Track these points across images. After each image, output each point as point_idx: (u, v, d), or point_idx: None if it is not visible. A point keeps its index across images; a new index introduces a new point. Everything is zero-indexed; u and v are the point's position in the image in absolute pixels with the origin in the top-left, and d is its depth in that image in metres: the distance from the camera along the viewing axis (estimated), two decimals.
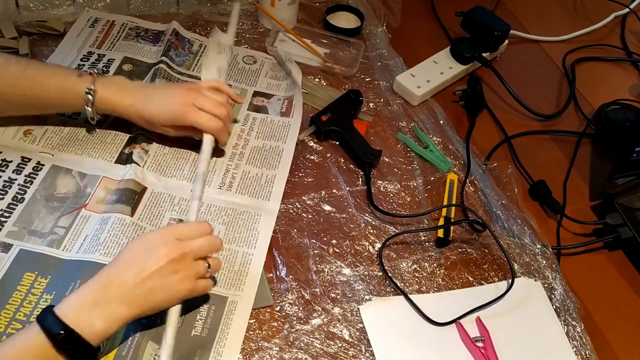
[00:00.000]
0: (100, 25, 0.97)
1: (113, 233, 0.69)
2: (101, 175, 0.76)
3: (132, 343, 0.62)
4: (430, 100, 0.97)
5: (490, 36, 1.00)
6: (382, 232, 0.78)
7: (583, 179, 0.91)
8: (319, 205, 0.80)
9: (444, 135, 0.92)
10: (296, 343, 0.66)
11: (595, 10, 1.23)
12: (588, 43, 1.14)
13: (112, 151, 0.79)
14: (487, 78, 1.02)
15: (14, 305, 0.63)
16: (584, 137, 0.94)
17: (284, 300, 0.70)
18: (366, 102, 0.94)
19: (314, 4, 1.10)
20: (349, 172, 0.85)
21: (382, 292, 0.72)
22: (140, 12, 1.01)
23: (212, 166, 0.81)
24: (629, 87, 1.07)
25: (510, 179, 0.87)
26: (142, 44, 0.95)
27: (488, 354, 0.68)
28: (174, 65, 0.92)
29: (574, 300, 0.74)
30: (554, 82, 1.07)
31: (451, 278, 0.75)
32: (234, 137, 0.85)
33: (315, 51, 1.00)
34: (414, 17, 1.13)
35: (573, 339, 0.71)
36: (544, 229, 0.81)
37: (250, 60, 0.98)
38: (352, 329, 0.68)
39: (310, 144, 0.88)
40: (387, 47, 1.04)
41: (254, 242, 0.74)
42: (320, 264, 0.74)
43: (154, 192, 0.76)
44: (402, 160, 0.88)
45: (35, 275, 0.65)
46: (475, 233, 0.80)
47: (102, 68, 0.89)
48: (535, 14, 1.20)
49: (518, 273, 0.76)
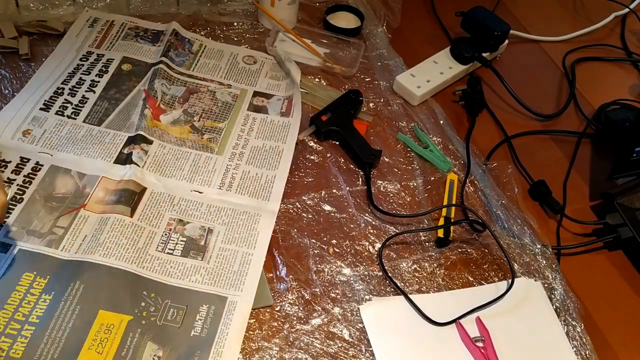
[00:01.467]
0: (100, 25, 0.97)
1: (113, 234, 0.69)
2: (100, 175, 0.76)
3: (132, 343, 0.62)
4: (430, 100, 0.97)
5: (490, 36, 1.00)
6: (382, 232, 0.78)
7: (583, 179, 0.91)
8: (319, 205, 0.80)
9: (444, 135, 0.92)
10: (296, 343, 0.66)
11: (595, 10, 1.23)
12: (588, 43, 1.14)
13: (112, 151, 0.79)
14: (487, 78, 1.02)
15: (12, 305, 0.62)
16: (584, 137, 0.94)
17: (284, 300, 0.69)
18: (366, 102, 0.94)
19: (314, 4, 1.10)
20: (349, 172, 0.85)
21: (382, 292, 0.72)
22: (140, 12, 1.01)
23: (212, 166, 0.81)
24: (629, 87, 1.07)
25: (510, 179, 0.86)
26: (141, 44, 0.95)
27: (488, 354, 0.67)
28: (173, 66, 0.92)
29: (574, 300, 0.74)
30: (554, 82, 1.07)
31: (451, 278, 0.75)
32: (234, 137, 0.85)
33: (315, 51, 1.00)
34: (414, 17, 1.13)
35: (573, 339, 0.71)
36: (544, 229, 0.81)
37: (250, 61, 0.98)
38: (352, 329, 0.68)
39: (310, 144, 0.87)
40: (387, 47, 1.03)
41: (254, 242, 0.73)
42: (320, 264, 0.74)
43: (154, 192, 0.76)
44: (402, 160, 0.88)
45: (34, 275, 0.65)
46: (475, 233, 0.80)
47: (101, 68, 0.89)
48: (535, 14, 1.20)
49: (518, 273, 0.76)
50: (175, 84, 0.90)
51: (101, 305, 0.63)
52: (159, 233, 0.72)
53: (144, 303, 0.65)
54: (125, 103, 0.86)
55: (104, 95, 0.86)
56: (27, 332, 0.61)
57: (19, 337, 0.60)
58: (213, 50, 0.98)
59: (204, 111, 0.88)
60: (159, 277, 0.68)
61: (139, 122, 0.82)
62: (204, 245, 0.72)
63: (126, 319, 0.63)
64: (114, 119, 0.83)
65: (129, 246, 0.69)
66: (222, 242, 0.73)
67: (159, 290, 0.67)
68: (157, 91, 0.88)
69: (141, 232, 0.71)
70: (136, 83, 0.88)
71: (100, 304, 0.64)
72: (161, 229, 0.72)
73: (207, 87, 0.91)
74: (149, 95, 0.86)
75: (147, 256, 0.69)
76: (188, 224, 0.74)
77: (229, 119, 0.87)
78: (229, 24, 1.03)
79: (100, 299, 0.64)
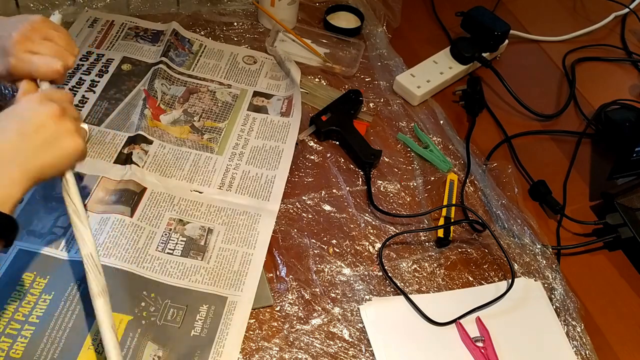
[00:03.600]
0: (100, 25, 0.97)
1: (112, 234, 0.69)
2: (100, 175, 0.76)
3: (132, 343, 0.62)
4: (430, 100, 0.97)
5: (490, 36, 1.00)
6: (382, 232, 0.78)
7: (583, 179, 0.91)
8: (319, 205, 0.80)
9: (444, 135, 0.92)
10: (296, 343, 0.66)
11: (595, 10, 1.23)
12: (588, 43, 1.14)
13: (111, 151, 0.79)
14: (487, 78, 1.02)
15: (12, 305, 0.62)
16: (584, 137, 0.94)
17: (284, 300, 0.69)
18: (366, 102, 0.94)
19: (314, 4, 1.10)
20: (349, 172, 0.85)
21: (382, 292, 0.72)
22: (140, 12, 1.01)
23: (212, 166, 0.81)
24: (629, 87, 1.07)
25: (510, 179, 0.86)
26: (141, 44, 0.95)
27: (488, 354, 0.67)
28: (173, 66, 0.92)
29: (574, 300, 0.74)
30: (554, 82, 1.07)
31: (451, 278, 0.75)
32: (234, 137, 0.85)
33: (315, 51, 1.00)
34: (414, 17, 1.13)
35: (573, 339, 0.71)
36: (544, 229, 0.81)
37: (250, 61, 0.98)
38: (352, 329, 0.68)
39: (310, 144, 0.87)
40: (387, 47, 1.03)
41: (254, 242, 0.73)
42: (320, 263, 0.74)
43: (154, 193, 0.76)
44: (402, 160, 0.88)
45: (34, 275, 0.65)
46: (475, 233, 0.80)
47: (101, 68, 0.89)
48: (535, 14, 1.20)
49: (518, 273, 0.76)
50: (175, 84, 0.90)
51: None
52: (159, 233, 0.72)
53: (144, 303, 0.65)
54: (125, 103, 0.86)
55: (104, 95, 0.86)
56: (27, 332, 0.61)
57: (19, 337, 0.60)
58: (213, 50, 0.98)
59: (204, 111, 0.88)
60: (159, 277, 0.68)
61: (139, 122, 0.82)
62: (204, 245, 0.72)
63: (126, 319, 0.63)
64: (113, 119, 0.83)
65: (128, 246, 0.69)
66: (222, 242, 0.73)
67: (159, 290, 0.67)
68: (157, 91, 0.88)
69: (141, 232, 0.71)
70: (136, 83, 0.88)
71: None
72: (161, 229, 0.72)
73: (207, 87, 0.91)
74: (149, 95, 0.86)
75: (147, 256, 0.69)
76: (188, 224, 0.74)
77: (228, 119, 0.87)
78: (229, 24, 1.03)
79: None
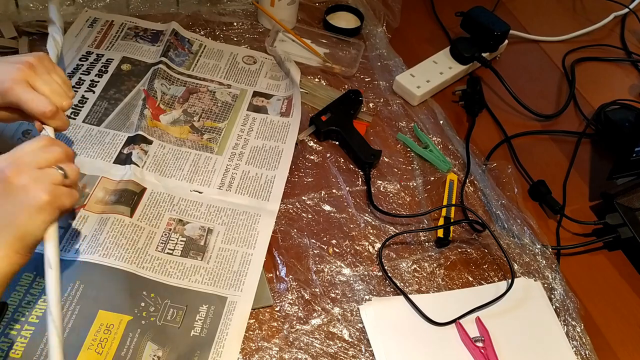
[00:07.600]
0: (99, 25, 0.97)
1: (112, 234, 0.69)
2: (100, 175, 0.76)
3: (132, 343, 0.62)
4: (430, 100, 0.97)
5: (490, 36, 1.00)
6: (382, 232, 0.78)
7: (583, 179, 0.91)
8: (318, 205, 0.80)
9: (444, 135, 0.92)
10: (296, 343, 0.66)
11: (595, 10, 1.23)
12: (588, 43, 1.14)
13: (111, 151, 0.79)
14: (487, 78, 1.02)
15: (11, 306, 0.62)
16: (583, 137, 0.94)
17: (283, 300, 0.69)
18: (366, 102, 0.94)
19: (314, 4, 1.10)
20: (348, 172, 0.85)
21: (382, 292, 0.72)
22: (140, 12, 1.01)
23: (212, 166, 0.81)
24: (628, 87, 1.07)
25: (510, 179, 0.86)
26: (140, 44, 0.95)
27: (488, 354, 0.67)
28: (173, 66, 0.92)
29: (573, 300, 0.74)
30: (554, 82, 1.07)
31: (451, 278, 0.75)
32: (234, 137, 0.85)
33: (315, 51, 1.00)
34: (413, 17, 1.13)
35: (573, 339, 0.71)
36: (543, 229, 0.81)
37: (250, 61, 0.98)
38: (352, 329, 0.68)
39: (310, 144, 0.87)
40: (387, 47, 1.03)
41: (254, 242, 0.73)
42: (320, 264, 0.74)
43: (154, 193, 0.76)
44: (402, 160, 0.88)
45: (33, 275, 0.65)
46: (475, 233, 0.80)
47: (100, 68, 0.89)
48: (535, 14, 1.20)
49: (518, 273, 0.76)
50: (174, 84, 0.90)
51: (101, 305, 0.63)
52: (159, 233, 0.72)
53: (144, 303, 0.65)
54: (124, 103, 0.85)
55: (104, 95, 0.86)
56: (27, 332, 0.61)
57: (18, 337, 0.60)
58: (213, 50, 0.98)
59: (203, 111, 0.88)
60: (159, 277, 0.68)
61: (139, 122, 0.82)
62: (204, 245, 0.72)
63: (126, 319, 0.63)
64: (113, 119, 0.83)
65: (128, 246, 0.69)
66: (222, 242, 0.73)
67: (159, 290, 0.67)
68: (157, 91, 0.88)
69: (141, 232, 0.71)
70: (136, 83, 0.88)
71: (100, 304, 0.63)
72: (161, 229, 0.72)
73: (206, 87, 0.91)
74: (148, 95, 0.86)
75: (146, 256, 0.69)
76: (188, 224, 0.74)
77: (228, 119, 0.87)
78: (229, 24, 1.03)
79: (100, 299, 0.64)
